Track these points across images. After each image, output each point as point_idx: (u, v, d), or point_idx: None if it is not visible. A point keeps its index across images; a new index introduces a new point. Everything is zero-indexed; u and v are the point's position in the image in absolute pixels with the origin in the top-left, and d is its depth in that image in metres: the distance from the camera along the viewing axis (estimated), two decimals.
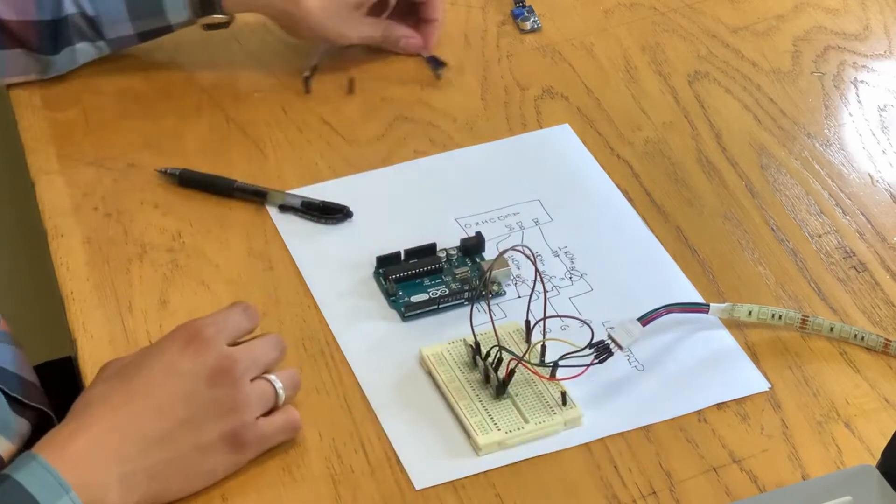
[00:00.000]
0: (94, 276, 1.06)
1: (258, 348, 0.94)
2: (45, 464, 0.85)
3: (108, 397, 0.90)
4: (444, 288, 1.03)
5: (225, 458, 0.91)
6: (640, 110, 1.20)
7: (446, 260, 1.04)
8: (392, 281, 1.03)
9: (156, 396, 0.89)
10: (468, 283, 1.03)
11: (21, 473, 0.85)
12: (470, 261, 1.05)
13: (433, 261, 1.04)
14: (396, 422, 0.96)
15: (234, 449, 0.91)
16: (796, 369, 0.99)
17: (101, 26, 1.16)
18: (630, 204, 1.12)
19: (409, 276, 1.03)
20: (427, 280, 1.03)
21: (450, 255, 1.05)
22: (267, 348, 0.95)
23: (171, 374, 0.90)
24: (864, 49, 1.27)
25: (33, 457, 0.86)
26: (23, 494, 0.84)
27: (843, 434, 0.95)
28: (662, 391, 0.98)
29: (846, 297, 1.04)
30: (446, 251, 1.05)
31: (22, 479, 0.85)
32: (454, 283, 1.03)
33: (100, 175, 1.14)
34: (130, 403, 0.89)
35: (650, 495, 0.92)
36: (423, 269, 1.03)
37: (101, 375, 0.93)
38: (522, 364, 0.95)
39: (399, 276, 1.03)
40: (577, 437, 0.95)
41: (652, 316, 0.98)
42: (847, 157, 1.16)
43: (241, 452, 0.91)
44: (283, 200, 1.11)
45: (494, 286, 1.03)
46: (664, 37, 1.28)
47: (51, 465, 0.85)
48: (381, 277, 1.04)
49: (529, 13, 1.29)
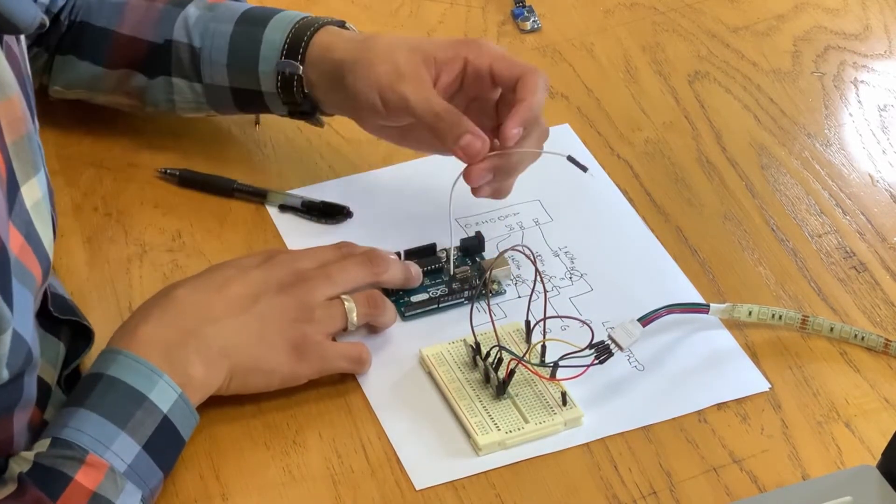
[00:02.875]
0: (94, 276, 1.06)
1: (340, 270, 0.97)
2: (132, 354, 0.89)
3: (179, 292, 0.94)
4: (444, 287, 1.03)
5: (286, 362, 0.94)
6: (640, 110, 1.20)
7: (446, 260, 1.04)
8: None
9: (228, 289, 0.94)
10: (468, 282, 1.03)
11: (113, 368, 0.88)
12: (470, 260, 1.05)
13: (433, 261, 1.04)
14: (396, 422, 0.96)
15: (295, 356, 0.94)
16: (796, 369, 0.99)
17: (202, 63, 1.09)
18: (630, 204, 1.12)
19: None
20: (427, 280, 1.03)
21: (448, 253, 1.05)
22: (353, 271, 0.98)
23: (242, 276, 0.95)
24: (865, 49, 1.27)
25: (117, 351, 0.89)
26: (122, 387, 0.88)
27: (844, 434, 0.95)
28: (662, 391, 0.98)
29: (846, 297, 1.04)
30: (446, 251, 1.05)
31: (116, 374, 0.88)
32: (454, 282, 1.03)
33: (100, 175, 1.14)
34: (203, 294, 0.93)
35: (650, 495, 0.92)
36: (423, 270, 1.03)
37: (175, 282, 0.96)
38: (522, 364, 0.95)
39: None
40: (578, 437, 0.95)
41: (652, 316, 0.98)
42: (847, 157, 1.16)
43: (300, 363, 0.95)
44: (284, 200, 1.11)
45: (494, 285, 1.03)
46: (664, 37, 1.28)
47: (136, 354, 0.89)
48: None
49: (529, 13, 1.29)
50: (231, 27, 1.09)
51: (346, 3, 1.31)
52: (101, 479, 0.84)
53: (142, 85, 1.12)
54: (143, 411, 0.87)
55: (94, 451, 0.85)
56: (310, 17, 1.09)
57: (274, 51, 1.07)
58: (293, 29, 1.07)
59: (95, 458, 0.85)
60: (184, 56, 1.10)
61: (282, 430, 0.95)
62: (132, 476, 0.86)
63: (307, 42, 1.06)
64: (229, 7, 1.11)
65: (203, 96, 1.11)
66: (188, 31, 1.10)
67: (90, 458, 0.84)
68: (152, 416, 0.88)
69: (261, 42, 1.08)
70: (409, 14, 1.30)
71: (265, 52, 1.07)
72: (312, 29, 1.07)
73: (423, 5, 1.31)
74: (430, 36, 1.28)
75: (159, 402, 0.88)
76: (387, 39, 1.05)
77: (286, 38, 1.07)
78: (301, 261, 0.98)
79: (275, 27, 1.08)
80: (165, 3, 1.11)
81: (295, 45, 1.07)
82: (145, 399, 0.88)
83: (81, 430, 0.86)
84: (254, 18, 1.09)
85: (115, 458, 0.85)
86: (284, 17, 1.09)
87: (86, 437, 0.85)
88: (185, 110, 1.13)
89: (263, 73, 1.08)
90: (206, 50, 1.09)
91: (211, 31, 1.09)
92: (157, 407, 0.88)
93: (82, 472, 0.84)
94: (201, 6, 1.11)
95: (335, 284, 0.97)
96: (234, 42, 1.09)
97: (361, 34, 1.08)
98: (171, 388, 0.89)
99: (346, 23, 1.09)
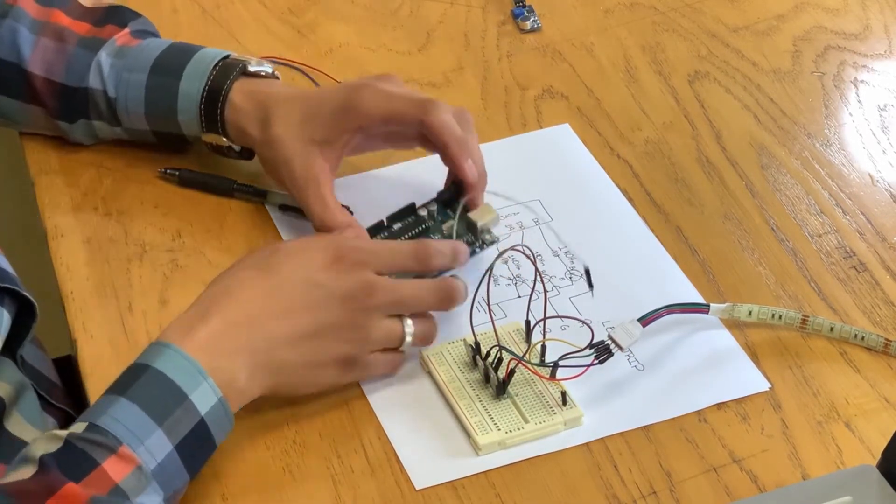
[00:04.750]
0: (94, 276, 1.06)
1: (411, 289, 0.96)
2: (180, 351, 0.88)
3: (243, 288, 0.92)
4: None
5: (332, 375, 0.95)
6: (640, 110, 1.20)
7: (429, 217, 1.03)
8: None
9: (289, 300, 0.92)
10: (459, 237, 1.02)
11: (160, 362, 0.88)
12: (452, 212, 1.04)
13: (417, 221, 1.03)
14: (396, 422, 0.96)
15: (340, 371, 0.95)
16: (796, 369, 0.99)
17: (119, 112, 1.10)
18: (630, 204, 1.12)
19: None
20: None
21: (430, 211, 1.04)
22: (423, 293, 0.96)
23: (308, 283, 0.93)
24: (865, 49, 1.27)
25: (166, 345, 0.89)
26: (166, 382, 0.87)
27: (844, 434, 0.95)
28: (662, 391, 0.98)
29: (846, 296, 1.04)
30: (426, 208, 1.04)
31: (162, 368, 0.88)
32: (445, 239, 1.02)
33: (100, 175, 1.14)
34: (264, 300, 0.92)
35: (650, 495, 0.92)
36: (411, 234, 1.02)
37: (243, 262, 0.94)
38: (522, 364, 0.95)
39: None
40: (578, 437, 0.95)
41: (652, 316, 0.98)
42: (847, 157, 1.16)
43: (344, 376, 0.95)
44: (284, 200, 1.10)
45: (486, 235, 1.03)
46: (664, 37, 1.28)
47: (185, 351, 0.88)
48: None
49: (529, 13, 1.29)
50: (145, 77, 1.09)
51: (346, 3, 1.31)
52: (126, 474, 0.84)
53: (63, 128, 1.13)
54: (182, 410, 0.87)
55: (127, 444, 0.84)
56: (225, 64, 1.08)
57: (192, 104, 1.08)
58: (207, 83, 1.07)
59: (127, 451, 0.84)
60: (100, 102, 1.11)
61: (282, 430, 0.95)
62: (159, 475, 0.85)
63: (223, 105, 1.07)
64: (141, 52, 1.10)
65: (126, 135, 1.13)
66: (102, 79, 1.10)
67: (122, 450, 0.84)
68: (190, 416, 0.87)
69: (177, 94, 1.08)
70: (409, 14, 1.30)
71: (183, 105, 1.08)
72: (228, 84, 1.07)
73: (423, 5, 1.31)
74: (429, 36, 1.28)
75: (199, 403, 0.87)
76: (281, 129, 1.05)
77: (202, 91, 1.07)
78: (374, 263, 0.95)
79: (190, 76, 1.08)
80: (75, 45, 1.10)
81: (212, 103, 1.07)
82: (186, 399, 0.87)
83: (118, 420, 0.85)
84: (168, 67, 1.09)
85: (147, 454, 0.85)
86: (198, 62, 1.08)
87: (121, 427, 0.85)
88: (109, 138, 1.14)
89: (184, 122, 1.09)
90: (121, 101, 1.10)
91: (125, 80, 1.09)
92: (196, 408, 0.87)
93: (110, 462, 0.83)
94: (112, 52, 1.10)
95: (402, 307, 0.96)
96: (150, 94, 1.09)
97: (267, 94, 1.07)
98: (212, 392, 0.88)
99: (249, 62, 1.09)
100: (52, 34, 1.11)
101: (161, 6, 1.30)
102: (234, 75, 1.07)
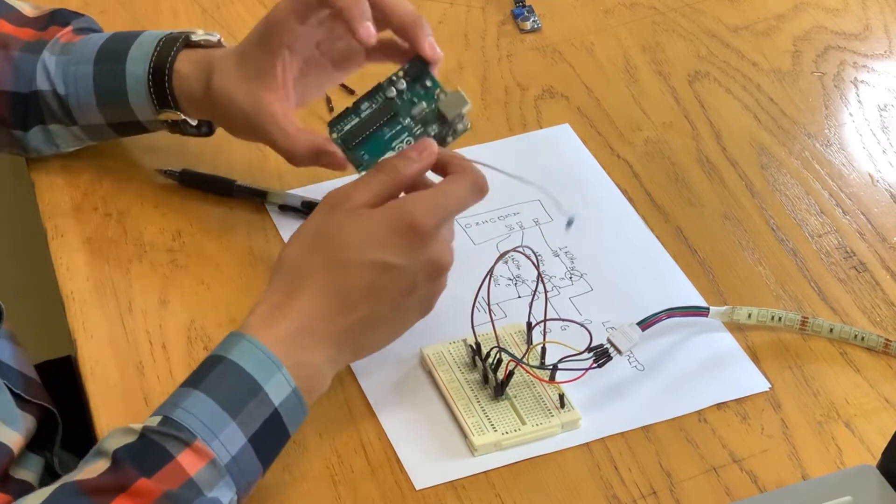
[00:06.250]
0: (94, 276, 1.06)
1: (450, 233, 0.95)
2: (255, 341, 0.88)
3: (315, 275, 0.91)
4: (408, 137, 0.98)
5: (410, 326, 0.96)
6: (640, 110, 1.20)
7: (398, 95, 0.98)
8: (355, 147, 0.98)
9: (363, 286, 0.91)
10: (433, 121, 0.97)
11: (234, 353, 0.88)
12: (422, 88, 0.99)
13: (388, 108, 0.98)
14: (396, 422, 0.96)
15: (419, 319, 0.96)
16: (796, 369, 0.99)
17: (71, 109, 1.09)
18: (630, 204, 1.12)
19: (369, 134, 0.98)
20: (387, 130, 0.98)
21: (399, 90, 0.98)
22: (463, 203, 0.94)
23: (380, 267, 0.91)
24: (865, 49, 1.27)
25: (241, 336, 0.89)
26: (240, 373, 0.87)
27: (844, 434, 0.95)
28: (663, 391, 0.98)
29: (846, 297, 1.04)
30: (394, 87, 0.98)
31: (236, 359, 0.88)
32: (416, 125, 0.98)
33: (100, 175, 1.14)
34: (341, 295, 0.90)
35: (650, 495, 0.92)
36: (381, 121, 0.98)
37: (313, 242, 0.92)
38: (521, 366, 0.95)
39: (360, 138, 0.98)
40: (578, 437, 0.95)
41: (652, 320, 0.98)
42: (847, 157, 1.16)
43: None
44: (284, 200, 1.11)
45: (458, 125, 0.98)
46: (664, 37, 1.28)
47: (261, 342, 0.88)
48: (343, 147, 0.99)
49: (529, 13, 1.29)
50: (91, 68, 1.08)
51: None
52: (200, 467, 0.84)
53: (19, 137, 1.11)
54: (256, 402, 0.86)
55: (201, 438, 0.84)
56: (168, 39, 1.07)
57: (140, 84, 1.07)
58: (152, 61, 1.07)
59: (202, 444, 0.84)
60: (52, 103, 1.10)
61: None
62: (233, 469, 0.85)
63: (169, 78, 1.06)
64: (85, 45, 1.10)
65: (83, 134, 1.12)
66: (50, 78, 1.09)
67: (196, 443, 0.84)
68: (263, 407, 0.87)
69: (125, 76, 1.07)
70: None
71: (132, 86, 1.07)
72: (172, 57, 1.06)
73: (423, 5, 1.31)
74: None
75: (273, 394, 0.87)
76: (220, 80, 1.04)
77: (148, 70, 1.07)
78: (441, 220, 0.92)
79: (134, 58, 1.07)
80: (18, 51, 1.10)
81: (159, 78, 1.06)
82: (260, 390, 0.87)
83: (192, 414, 0.85)
84: (112, 54, 1.08)
85: (221, 447, 0.85)
86: (141, 44, 1.08)
87: (196, 421, 0.85)
88: (70, 147, 1.13)
89: (136, 105, 1.08)
90: (72, 96, 1.09)
91: (72, 74, 1.09)
92: (270, 399, 0.87)
93: (185, 455, 0.83)
94: (56, 50, 1.10)
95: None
96: (98, 83, 1.08)
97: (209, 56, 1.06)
98: (286, 382, 0.88)
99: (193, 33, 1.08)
100: None
101: (161, 7, 1.31)
102: (177, 47, 1.06)
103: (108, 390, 0.99)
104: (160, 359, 1.01)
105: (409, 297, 0.92)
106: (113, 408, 0.97)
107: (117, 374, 1.00)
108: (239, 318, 1.02)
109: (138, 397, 0.98)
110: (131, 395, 0.98)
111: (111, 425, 0.96)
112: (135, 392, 0.98)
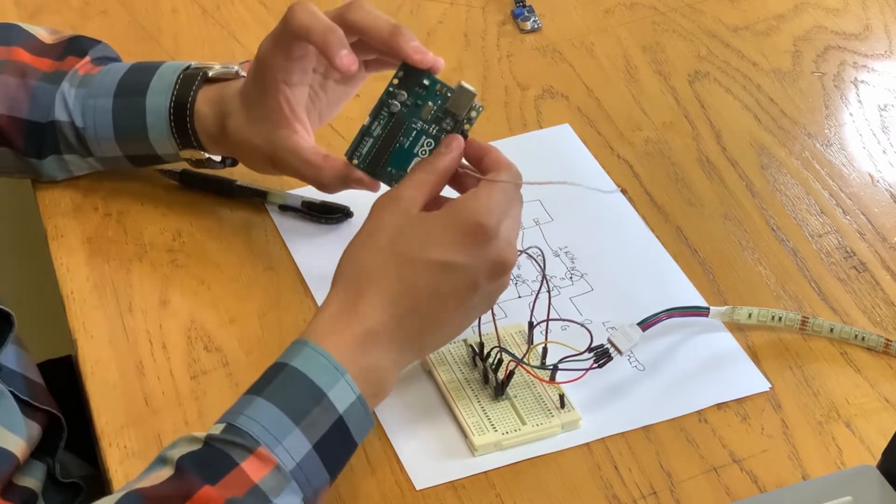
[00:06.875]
0: (94, 276, 1.06)
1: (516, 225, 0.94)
2: (318, 348, 0.88)
3: (380, 278, 0.90)
4: (427, 139, 0.97)
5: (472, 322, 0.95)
6: (640, 110, 1.20)
7: (402, 107, 0.97)
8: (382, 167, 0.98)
9: (429, 289, 0.90)
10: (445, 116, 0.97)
11: (298, 360, 0.88)
12: (421, 88, 0.98)
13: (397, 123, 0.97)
14: (396, 422, 0.96)
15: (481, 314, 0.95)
16: (797, 369, 0.99)
17: (88, 141, 1.08)
18: (630, 204, 1.12)
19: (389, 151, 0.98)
20: (404, 140, 0.98)
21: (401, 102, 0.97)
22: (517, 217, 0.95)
23: (446, 268, 0.90)
24: (865, 49, 1.27)
25: (305, 342, 0.88)
26: (303, 380, 0.87)
27: (844, 434, 0.95)
28: (663, 391, 0.98)
29: (846, 297, 1.04)
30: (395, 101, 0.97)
31: (299, 365, 0.87)
32: (430, 125, 0.97)
33: (100, 175, 1.14)
34: (406, 297, 0.90)
35: (650, 495, 0.92)
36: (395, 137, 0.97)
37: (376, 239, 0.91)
38: (521, 366, 0.95)
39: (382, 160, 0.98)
40: (578, 437, 0.95)
41: (652, 321, 0.98)
42: (847, 157, 1.16)
43: None
44: (284, 200, 1.11)
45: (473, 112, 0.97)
46: (664, 37, 1.28)
47: (324, 349, 0.88)
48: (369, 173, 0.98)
49: (529, 13, 1.29)
50: (110, 101, 1.07)
51: None
52: (265, 474, 0.83)
53: (34, 164, 1.11)
54: (320, 409, 0.86)
55: (265, 444, 0.84)
56: (186, 74, 1.06)
57: (161, 120, 1.06)
58: (173, 97, 1.06)
59: (265, 451, 0.84)
60: (68, 134, 1.09)
61: None
62: (298, 475, 0.84)
63: (191, 118, 1.05)
64: (104, 77, 1.08)
65: (99, 164, 1.11)
66: (68, 110, 1.08)
67: (260, 450, 0.83)
68: (328, 414, 0.86)
69: (145, 112, 1.06)
70: (409, 14, 1.30)
71: (152, 121, 1.06)
72: (192, 96, 1.05)
73: (423, 5, 1.31)
74: (429, 36, 1.28)
75: (337, 401, 0.87)
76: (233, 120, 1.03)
77: (169, 107, 1.06)
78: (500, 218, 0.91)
79: (155, 91, 1.06)
80: (37, 80, 1.09)
81: (181, 117, 1.05)
82: (324, 397, 0.86)
83: (256, 420, 0.85)
84: (132, 87, 1.07)
85: (285, 454, 0.84)
86: (162, 77, 1.07)
87: (259, 427, 0.84)
88: (83, 172, 1.12)
89: (156, 141, 1.07)
90: (89, 129, 1.08)
91: (91, 107, 1.08)
92: (334, 406, 0.86)
93: (249, 462, 0.83)
94: (75, 82, 1.09)
95: None
96: (118, 117, 1.07)
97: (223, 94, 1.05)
98: (350, 389, 0.87)
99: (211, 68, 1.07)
100: (13, 71, 1.09)
101: (161, 7, 1.31)
102: (196, 85, 1.05)
103: (108, 390, 0.99)
104: (160, 359, 1.01)
105: (473, 296, 0.91)
106: (113, 408, 0.97)
107: (117, 374, 1.00)
108: (239, 318, 1.03)
109: (138, 397, 0.98)
110: (131, 394, 0.98)
111: (111, 425, 0.96)
112: (135, 392, 0.98)
